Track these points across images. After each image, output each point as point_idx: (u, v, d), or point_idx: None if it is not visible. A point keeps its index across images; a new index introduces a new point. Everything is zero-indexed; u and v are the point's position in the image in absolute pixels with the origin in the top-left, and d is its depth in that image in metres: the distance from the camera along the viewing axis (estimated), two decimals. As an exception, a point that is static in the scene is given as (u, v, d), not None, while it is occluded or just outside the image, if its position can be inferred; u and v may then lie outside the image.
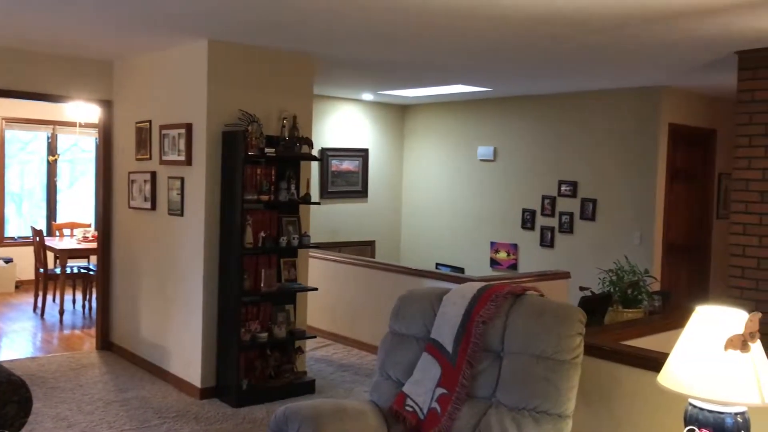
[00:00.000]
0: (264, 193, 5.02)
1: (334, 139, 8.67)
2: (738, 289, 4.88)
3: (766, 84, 4.76)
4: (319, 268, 6.92)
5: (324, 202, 8.39)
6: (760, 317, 2.15)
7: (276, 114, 5.33)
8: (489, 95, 8.05)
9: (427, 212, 9.22)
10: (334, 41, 4.98)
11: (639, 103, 7.00)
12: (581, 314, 2.85)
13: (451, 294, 3.14)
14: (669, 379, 2.22)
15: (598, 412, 3.01)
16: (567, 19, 4.08)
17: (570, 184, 7.61)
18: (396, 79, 7.00)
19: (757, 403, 2.08)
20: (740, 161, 4.90)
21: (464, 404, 2.85)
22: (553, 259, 7.66)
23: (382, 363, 3.16)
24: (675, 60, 5.36)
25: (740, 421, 2.15)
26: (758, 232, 4.79)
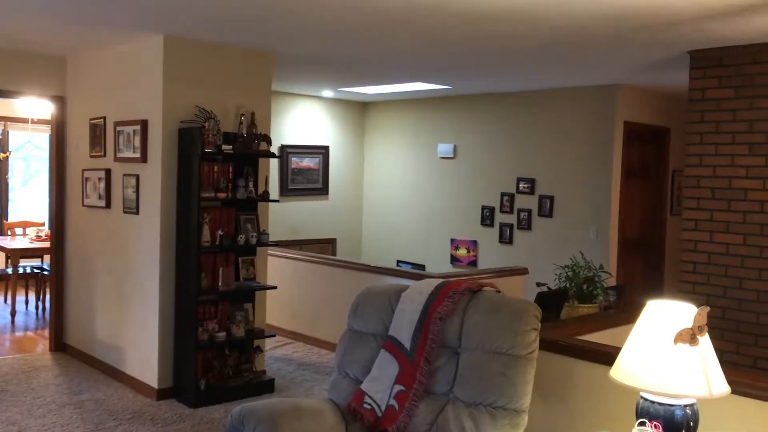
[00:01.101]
0: (221, 190, 4.96)
1: (294, 136, 8.61)
2: (690, 284, 5.00)
3: (717, 83, 4.88)
4: (279, 266, 6.87)
5: (284, 199, 8.33)
6: (708, 311, 2.20)
7: (234, 111, 5.27)
8: (449, 93, 8.09)
9: (388, 210, 9.23)
10: (293, 38, 4.95)
11: (595, 101, 7.11)
12: (536, 310, 2.88)
13: (409, 291, 3.14)
14: (621, 373, 2.26)
15: (554, 406, 3.06)
16: (523, 18, 4.12)
17: (528, 181, 7.69)
18: (356, 76, 6.98)
19: (705, 395, 2.13)
20: (692, 158, 5.01)
21: (422, 400, 2.86)
22: (512, 256, 7.74)
23: (340, 361, 3.15)
24: (629, 59, 5.46)
25: (689, 413, 2.20)
26: (709, 228, 4.90)
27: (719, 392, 2.16)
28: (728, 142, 4.81)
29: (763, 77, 4.65)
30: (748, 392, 2.45)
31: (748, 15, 3.90)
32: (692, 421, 2.20)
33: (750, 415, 2.47)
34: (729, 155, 4.81)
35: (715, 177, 4.88)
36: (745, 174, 4.73)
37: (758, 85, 4.67)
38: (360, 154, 9.46)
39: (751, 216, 4.71)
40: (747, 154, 4.73)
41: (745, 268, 4.74)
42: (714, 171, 4.88)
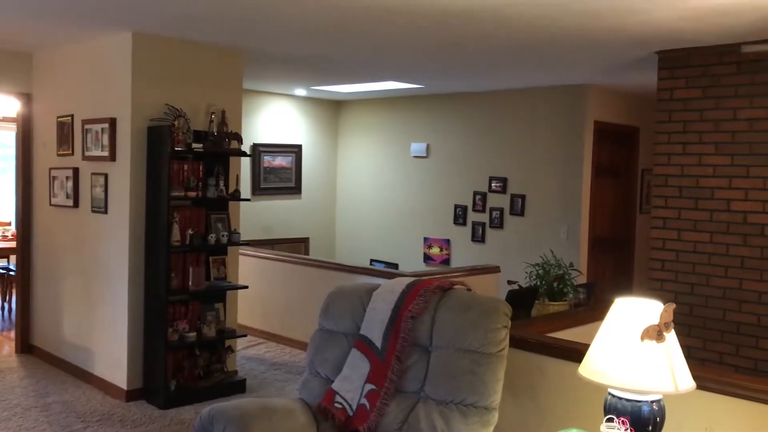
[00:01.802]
0: (191, 189, 4.91)
1: (266, 135, 8.55)
2: (658, 281, 5.07)
3: (684, 83, 4.95)
4: (251, 265, 6.82)
5: (256, 198, 8.27)
6: (674, 308, 2.23)
7: (204, 109, 5.22)
8: (422, 92, 8.10)
9: (361, 208, 9.22)
10: (264, 35, 4.91)
11: (566, 101, 7.17)
12: (507, 308, 2.90)
13: (381, 290, 3.14)
14: (589, 370, 2.28)
15: (524, 403, 3.07)
16: (493, 18, 4.14)
17: (500, 180, 7.73)
18: (329, 75, 6.95)
19: (671, 391, 2.16)
20: (660, 157, 5.08)
21: (393, 399, 2.85)
22: (484, 254, 7.78)
23: (311, 360, 3.14)
24: (599, 59, 5.51)
25: (656, 409, 2.22)
26: (677, 226, 4.98)
27: (685, 388, 2.18)
28: (695, 142, 4.88)
29: (728, 78, 4.73)
30: (713, 387, 2.49)
31: (714, 16, 3.96)
32: (659, 416, 2.23)
33: (715, 410, 2.51)
34: (696, 154, 4.88)
35: (682, 176, 4.95)
36: (712, 173, 4.81)
37: (724, 86, 4.75)
38: (333, 153, 9.43)
39: (717, 214, 4.79)
40: (713, 154, 4.80)
41: (712, 265, 4.82)
42: (682, 170, 4.95)
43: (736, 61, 4.67)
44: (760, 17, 3.92)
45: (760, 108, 4.60)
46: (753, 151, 4.63)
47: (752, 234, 4.64)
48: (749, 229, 4.65)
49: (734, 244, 4.71)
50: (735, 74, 4.70)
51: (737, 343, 4.72)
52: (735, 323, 4.73)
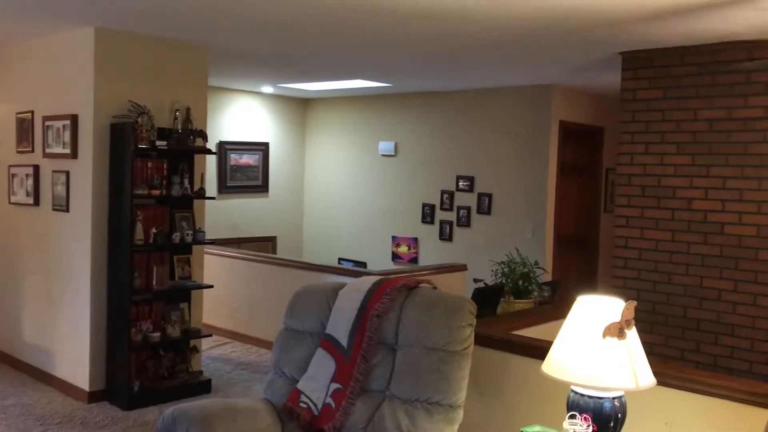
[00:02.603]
0: (155, 187, 4.84)
1: (232, 133, 8.47)
2: (621, 279, 5.14)
3: (647, 84, 5.03)
4: (217, 264, 6.76)
5: (223, 197, 8.20)
6: (635, 305, 2.26)
7: (168, 106, 5.15)
8: (390, 91, 8.10)
9: (329, 207, 9.19)
10: (229, 32, 4.86)
11: (532, 100, 7.24)
12: (472, 306, 2.91)
13: (347, 289, 3.13)
14: (552, 367, 2.30)
15: (489, 400, 3.09)
16: (459, 17, 4.15)
17: (467, 179, 7.78)
18: (295, 72, 6.92)
19: (632, 387, 2.19)
20: (623, 157, 5.15)
21: (358, 398, 2.84)
22: (452, 252, 7.81)
23: (276, 360, 3.11)
24: (564, 59, 5.57)
25: (617, 405, 2.25)
26: (640, 225, 5.05)
27: (645, 384, 2.22)
28: (657, 141, 4.97)
29: (689, 78, 4.82)
30: (673, 383, 2.53)
31: (676, 17, 4.02)
32: (620, 412, 2.26)
33: (675, 405, 2.55)
34: (658, 154, 4.96)
35: (645, 175, 5.03)
36: (673, 172, 4.89)
37: (685, 86, 4.83)
38: (301, 151, 9.38)
39: (679, 213, 4.87)
40: (675, 153, 4.89)
41: (674, 263, 4.90)
42: (644, 169, 5.03)
43: (696, 62, 4.75)
44: (720, 19, 4.00)
45: (719, 108, 4.70)
46: (713, 151, 4.73)
47: (712, 232, 4.73)
48: (709, 227, 4.75)
49: (695, 243, 4.80)
50: (696, 75, 4.79)
51: (698, 339, 4.81)
52: (695, 320, 4.82)
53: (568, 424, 2.19)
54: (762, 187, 4.54)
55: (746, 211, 4.60)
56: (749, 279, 4.60)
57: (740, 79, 4.61)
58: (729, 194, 4.66)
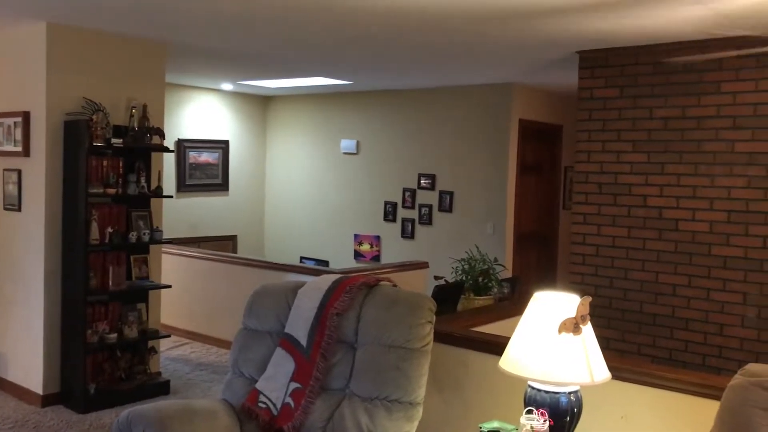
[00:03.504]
0: (111, 186, 4.75)
1: (191, 131, 8.36)
2: (579, 275, 5.21)
3: (603, 83, 5.11)
4: (176, 264, 6.66)
5: (182, 195, 8.08)
6: (590, 301, 2.29)
7: (124, 103, 5.05)
8: (351, 88, 8.08)
9: (291, 205, 9.13)
10: (186, 28, 4.79)
11: (492, 99, 7.30)
12: (431, 303, 2.92)
13: (306, 287, 3.11)
14: (509, 363, 2.32)
15: (449, 397, 3.11)
16: (416, 15, 4.15)
17: (429, 177, 7.80)
18: (256, 69, 6.85)
19: (588, 382, 2.22)
20: (581, 155, 5.22)
21: (318, 397, 2.83)
22: (413, 250, 7.83)
23: (235, 360, 3.08)
24: (523, 58, 5.62)
25: (573, 400, 2.28)
26: (597, 222, 5.13)
27: (600, 379, 2.25)
28: (614, 140, 5.05)
29: (644, 77, 4.91)
30: (628, 377, 2.57)
31: (631, 17, 4.08)
32: (576, 407, 2.29)
33: (631, 399, 2.59)
34: (615, 152, 5.05)
35: (602, 173, 5.11)
36: (630, 170, 4.98)
37: (640, 85, 4.92)
38: (262, 148, 9.31)
39: (635, 210, 4.96)
40: (631, 151, 4.97)
41: (630, 259, 4.99)
42: (601, 167, 5.11)
43: (652, 61, 4.84)
44: (671, 19, 4.08)
45: (674, 107, 4.79)
46: (668, 149, 4.82)
47: (667, 229, 4.83)
48: (664, 224, 4.84)
49: (650, 239, 4.90)
50: (651, 74, 4.88)
51: (654, 334, 4.91)
52: (651, 315, 4.91)
53: (525, 419, 2.21)
54: (714, 184, 4.65)
55: (699, 207, 4.71)
56: (702, 274, 4.71)
57: (693, 79, 4.72)
58: (683, 191, 4.77)
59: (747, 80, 4.53)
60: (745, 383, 2.05)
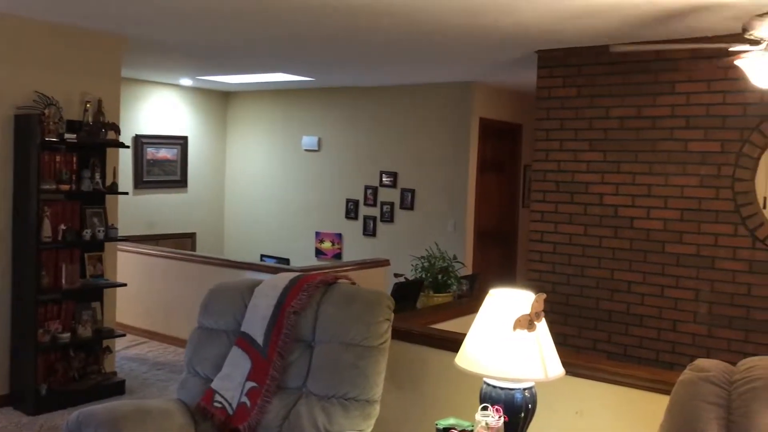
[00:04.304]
0: (64, 182, 4.64)
1: (149, 126, 8.22)
2: (537, 272, 5.27)
3: (561, 82, 5.17)
4: (132, 262, 6.54)
5: (139, 192, 7.95)
6: (545, 298, 2.30)
7: (78, 97, 4.94)
8: (313, 85, 8.04)
9: (251, 203, 9.05)
10: (143, 21, 4.70)
11: (453, 97, 7.33)
12: (389, 301, 2.91)
13: (263, 285, 3.08)
14: (465, 360, 2.33)
15: (407, 394, 3.11)
16: (377, 12, 4.14)
17: (391, 174, 7.81)
18: (215, 65, 6.77)
19: (542, 378, 2.24)
20: (539, 153, 5.28)
21: (275, 396, 2.80)
22: (375, 248, 7.83)
23: (190, 359, 3.03)
24: (483, 57, 5.66)
25: (528, 396, 2.30)
26: (554, 219, 5.19)
27: (554, 375, 2.27)
28: (571, 138, 5.11)
29: (601, 77, 4.98)
30: (581, 373, 2.60)
31: (585, 18, 4.14)
32: (530, 403, 2.31)
33: (584, 394, 2.63)
34: (572, 151, 5.11)
35: (559, 171, 5.17)
36: (586, 168, 5.05)
37: (598, 85, 5.00)
38: (221, 145, 9.20)
39: (591, 208, 5.04)
40: (588, 150, 5.05)
41: (586, 256, 5.06)
42: (559, 165, 5.17)
43: (609, 61, 4.91)
44: (626, 21, 4.14)
45: (630, 107, 4.88)
46: (623, 148, 4.90)
47: (622, 227, 4.92)
48: (620, 221, 4.93)
49: (606, 236, 4.98)
50: (608, 74, 4.95)
51: (609, 330, 4.99)
52: (607, 311, 4.99)
53: (481, 416, 2.22)
54: (669, 183, 4.74)
55: (654, 206, 4.80)
56: (657, 271, 4.80)
57: (648, 79, 4.80)
58: (638, 189, 4.85)
59: (700, 81, 4.63)
60: (693, 378, 2.09)
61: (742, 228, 4.49)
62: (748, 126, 4.45)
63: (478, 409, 2.26)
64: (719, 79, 4.53)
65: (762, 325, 4.42)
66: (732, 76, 4.33)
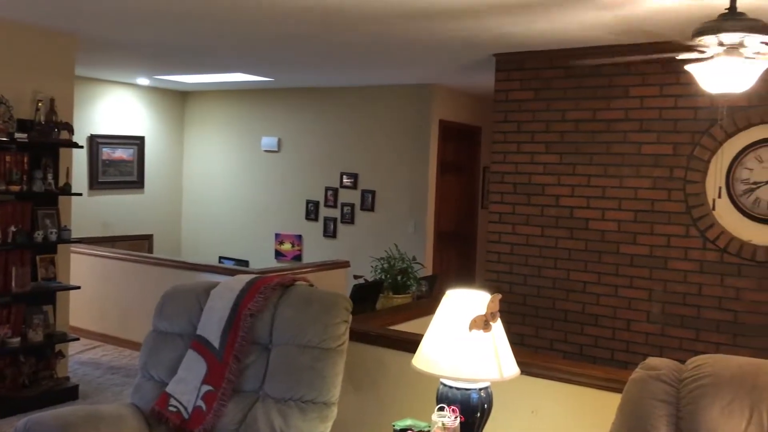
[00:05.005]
0: (14, 182, 4.52)
1: (105, 126, 8.06)
2: (495, 273, 5.32)
3: (519, 85, 5.23)
4: (87, 264, 6.41)
5: (94, 193, 7.79)
6: (500, 298, 2.33)
7: (30, 96, 4.82)
8: (272, 85, 7.98)
9: (210, 204, 8.94)
10: (98, 19, 4.61)
11: (413, 99, 7.36)
12: (347, 302, 2.91)
13: (219, 288, 3.04)
14: (422, 361, 2.34)
15: (366, 395, 3.11)
16: (334, 13, 4.13)
17: (351, 175, 7.80)
18: (173, 64, 6.67)
19: (497, 378, 2.26)
20: (497, 155, 5.34)
21: (231, 399, 2.77)
22: (336, 249, 7.81)
23: (144, 363, 2.98)
24: (442, 60, 5.69)
25: (484, 396, 2.32)
26: (512, 221, 5.25)
27: (510, 374, 2.29)
28: (528, 141, 5.18)
29: (558, 81, 5.05)
30: (537, 373, 2.64)
31: (542, 23, 4.20)
32: (486, 403, 2.33)
33: (540, 394, 2.66)
34: (529, 153, 5.18)
35: (517, 173, 5.23)
36: (543, 170, 5.12)
37: (554, 88, 5.07)
38: (179, 145, 9.07)
39: (548, 209, 5.11)
40: (544, 152, 5.12)
41: (543, 257, 5.13)
42: (516, 167, 5.23)
43: (564, 65, 4.99)
44: (582, 26, 4.21)
45: (585, 110, 4.96)
46: (579, 150, 4.99)
47: (578, 228, 5.00)
48: (575, 223, 5.00)
49: (562, 237, 5.05)
50: (563, 78, 5.03)
51: (565, 329, 5.06)
52: (563, 311, 5.07)
53: (437, 416, 2.23)
54: (623, 185, 4.83)
55: (608, 207, 4.88)
56: (611, 272, 4.89)
57: (603, 83, 4.89)
58: (593, 191, 4.94)
59: (653, 85, 4.73)
60: (644, 376, 2.14)
61: (694, 229, 4.60)
62: (699, 129, 4.57)
63: (435, 410, 2.27)
64: (671, 83, 4.63)
65: (712, 324, 4.54)
66: (684, 81, 4.44)
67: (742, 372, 2.00)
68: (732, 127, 4.45)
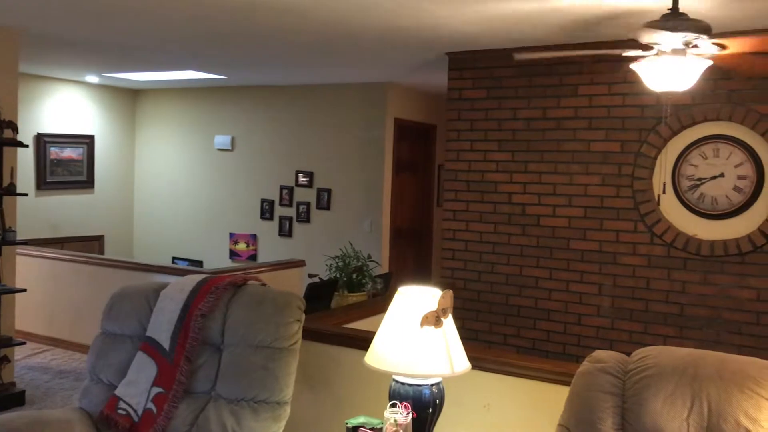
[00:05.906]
0: (-45, 183, 4.38)
1: (53, 125, 7.86)
2: (450, 270, 5.36)
3: (471, 84, 5.28)
4: (34, 267, 6.24)
5: (42, 193, 7.59)
6: (451, 294, 2.35)
7: (-29, 93, 4.68)
8: (225, 83, 7.89)
9: (162, 204, 8.80)
10: (41, 14, 4.49)
11: (368, 98, 7.36)
12: (300, 301, 2.89)
13: (169, 289, 3.00)
14: (374, 358, 2.34)
15: (320, 394, 3.10)
16: (288, 11, 4.11)
17: (307, 174, 7.77)
18: (123, 61, 6.54)
19: (448, 374, 2.28)
20: (450, 153, 5.38)
21: (182, 401, 2.74)
22: (291, 248, 7.77)
23: (93, 366, 2.92)
24: (396, 58, 5.71)
25: (435, 392, 2.34)
26: (466, 218, 5.30)
27: (461, 369, 2.32)
28: (481, 139, 5.23)
29: (510, 80, 5.12)
30: (489, 367, 2.67)
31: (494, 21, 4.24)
32: (438, 398, 2.35)
33: (492, 388, 2.70)
34: (482, 151, 5.23)
35: (470, 171, 5.28)
36: (495, 168, 5.18)
37: (506, 87, 5.13)
38: (130, 144, 8.90)
39: (500, 206, 5.17)
40: (497, 150, 5.17)
41: (496, 253, 5.19)
42: (469, 165, 5.28)
43: (516, 64, 5.05)
44: (533, 25, 4.27)
45: (535, 108, 5.03)
46: (530, 148, 5.06)
47: (530, 224, 5.07)
48: (527, 219, 5.07)
49: (515, 234, 5.12)
50: (515, 77, 5.09)
51: (518, 325, 5.13)
52: (516, 307, 5.14)
53: (389, 413, 2.24)
54: (573, 182, 4.92)
55: (559, 204, 4.97)
56: (562, 267, 4.97)
57: (554, 82, 4.97)
58: (544, 188, 5.01)
59: (601, 84, 4.83)
60: (591, 369, 2.18)
61: (641, 225, 4.71)
62: (646, 127, 4.68)
63: (387, 407, 2.28)
64: (619, 82, 4.73)
65: (659, 317, 4.66)
66: (630, 80, 4.53)
67: (684, 363, 2.05)
68: (677, 124, 4.57)
